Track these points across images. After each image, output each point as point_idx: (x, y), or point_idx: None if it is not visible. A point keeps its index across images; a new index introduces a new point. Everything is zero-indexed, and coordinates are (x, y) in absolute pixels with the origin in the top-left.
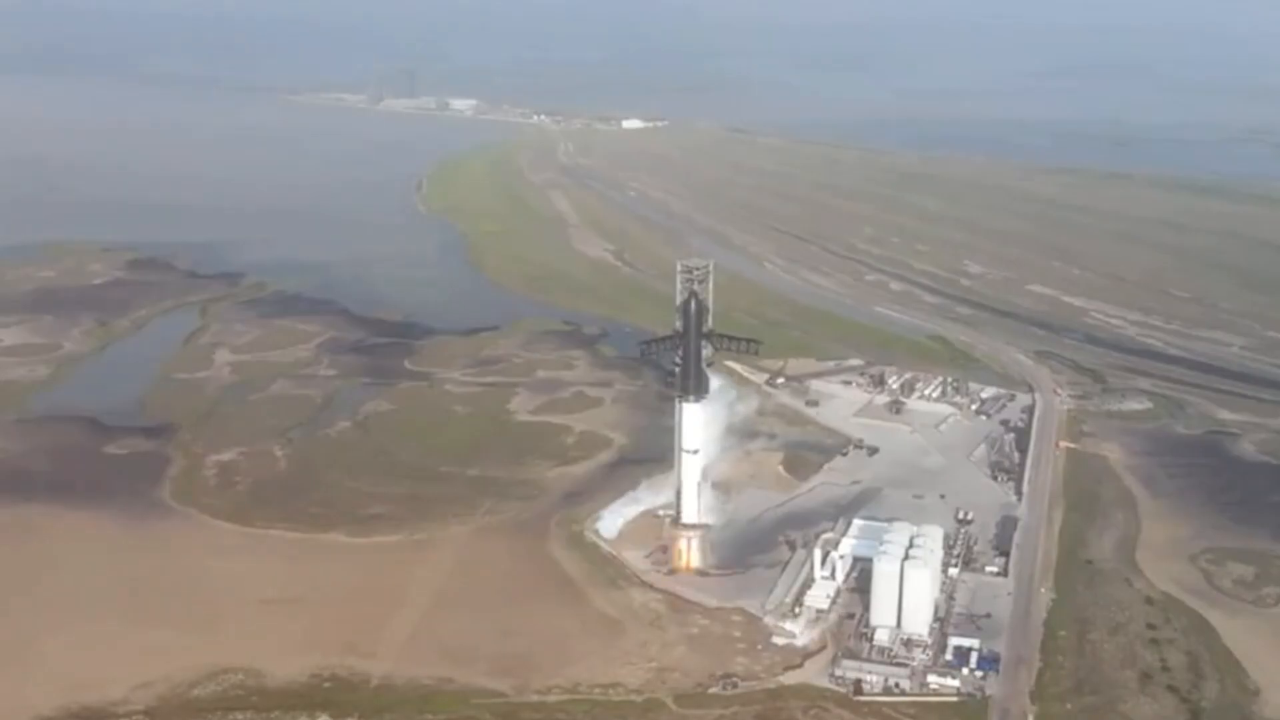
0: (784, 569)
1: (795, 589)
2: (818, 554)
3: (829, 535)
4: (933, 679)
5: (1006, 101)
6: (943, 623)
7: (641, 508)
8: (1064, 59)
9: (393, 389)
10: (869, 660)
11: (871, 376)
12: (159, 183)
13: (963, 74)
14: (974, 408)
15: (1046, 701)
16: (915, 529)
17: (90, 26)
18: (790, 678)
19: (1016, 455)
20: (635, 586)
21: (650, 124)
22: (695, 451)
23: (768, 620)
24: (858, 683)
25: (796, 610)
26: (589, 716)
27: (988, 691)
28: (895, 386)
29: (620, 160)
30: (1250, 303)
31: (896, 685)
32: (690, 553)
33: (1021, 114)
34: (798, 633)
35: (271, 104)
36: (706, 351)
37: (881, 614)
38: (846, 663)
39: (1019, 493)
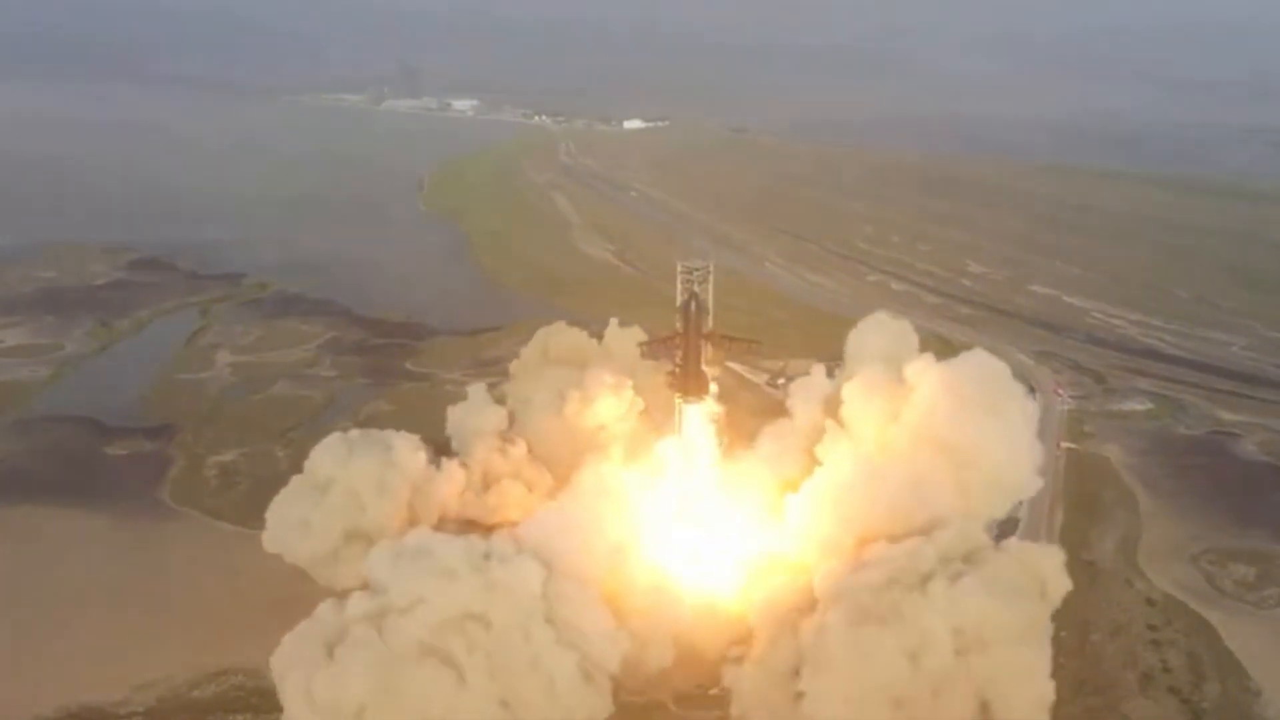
0: None
1: None
2: None
3: None
4: None
5: (1006, 100)
6: None
7: None
8: (1065, 56)
9: (394, 390)
10: None
11: None
12: (160, 183)
13: (962, 73)
14: None
15: None
16: None
17: (87, 25)
18: None
19: None
20: None
21: (651, 124)
22: None
23: None
24: None
25: None
26: None
27: None
28: None
29: (621, 160)
30: (1251, 302)
31: None
32: None
33: (1022, 113)
34: None
35: (272, 104)
36: (706, 352)
37: None
38: None
39: None
